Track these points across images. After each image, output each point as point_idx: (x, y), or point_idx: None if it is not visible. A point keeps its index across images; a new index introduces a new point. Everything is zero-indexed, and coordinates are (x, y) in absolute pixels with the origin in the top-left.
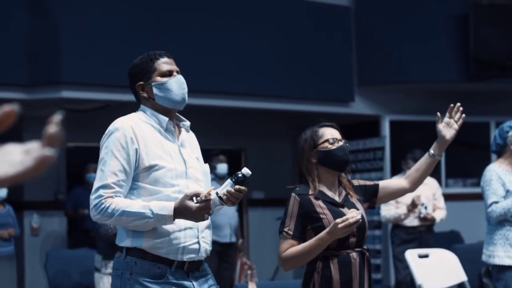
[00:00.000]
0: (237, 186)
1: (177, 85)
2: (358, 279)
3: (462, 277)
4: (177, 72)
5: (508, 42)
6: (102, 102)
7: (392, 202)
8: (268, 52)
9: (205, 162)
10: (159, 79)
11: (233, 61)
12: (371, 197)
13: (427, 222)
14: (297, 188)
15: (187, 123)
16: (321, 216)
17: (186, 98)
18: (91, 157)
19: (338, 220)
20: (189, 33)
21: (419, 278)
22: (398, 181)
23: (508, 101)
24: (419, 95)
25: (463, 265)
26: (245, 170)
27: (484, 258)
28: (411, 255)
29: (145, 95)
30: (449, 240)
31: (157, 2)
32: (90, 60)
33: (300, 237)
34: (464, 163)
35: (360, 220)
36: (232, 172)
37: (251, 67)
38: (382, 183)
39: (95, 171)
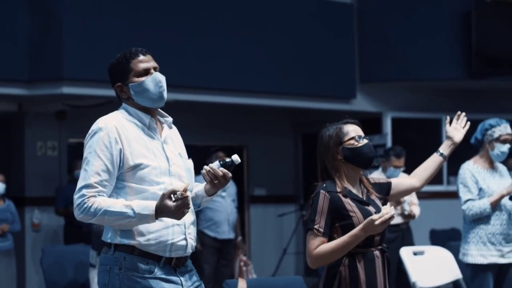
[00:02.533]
0: (221, 168)
1: (154, 84)
2: (381, 276)
3: (457, 274)
4: (155, 69)
5: (511, 40)
6: (103, 98)
7: None
8: (270, 49)
9: (204, 158)
10: (135, 79)
11: (235, 58)
12: (385, 195)
13: (408, 219)
14: (324, 185)
15: (170, 119)
16: (351, 214)
17: (165, 95)
18: None
19: (375, 217)
20: (192, 31)
21: (413, 275)
22: (408, 180)
23: (510, 98)
24: (421, 92)
25: (460, 263)
26: (235, 157)
27: (460, 256)
28: (406, 252)
29: (124, 95)
30: (449, 237)
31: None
32: (91, 56)
33: (329, 234)
34: (466, 161)
35: (394, 216)
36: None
37: (253, 64)
38: (394, 181)
39: None
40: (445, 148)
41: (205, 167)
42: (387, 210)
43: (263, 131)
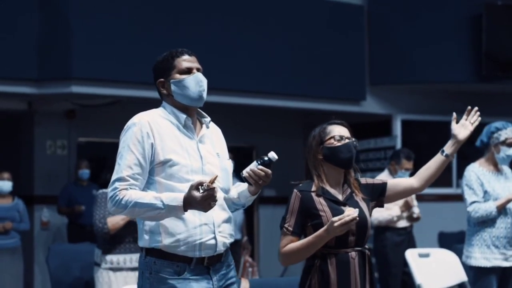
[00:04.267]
0: (260, 166)
1: (195, 83)
2: (357, 278)
3: (462, 277)
4: (197, 70)
5: None
6: (112, 97)
7: None
8: (280, 50)
9: None
10: (177, 76)
11: (245, 59)
12: (379, 196)
13: (414, 222)
14: (300, 184)
15: (208, 119)
16: (321, 213)
17: (204, 95)
18: (102, 152)
19: (335, 218)
20: (201, 30)
21: (418, 277)
22: (407, 180)
23: None
24: (431, 95)
25: (464, 265)
26: (271, 154)
27: (463, 259)
28: (411, 255)
29: (164, 91)
30: (458, 240)
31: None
32: (100, 55)
33: (300, 233)
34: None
35: (357, 218)
36: (240, 170)
37: (263, 65)
38: (390, 182)
39: (86, 167)
40: (448, 147)
41: (245, 171)
42: (349, 212)
43: (273, 132)
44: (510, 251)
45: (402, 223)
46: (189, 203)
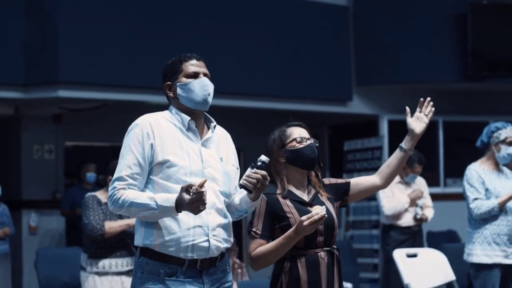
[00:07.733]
0: (254, 170)
1: (200, 87)
2: (326, 279)
3: (450, 276)
4: (204, 75)
5: (506, 42)
6: (99, 101)
7: (390, 194)
8: (266, 52)
9: None
10: (183, 79)
11: (231, 61)
12: (343, 195)
13: (420, 222)
14: None
15: (214, 123)
16: (288, 215)
17: (209, 99)
18: (89, 156)
19: (304, 218)
20: (189, 34)
21: (406, 277)
22: (370, 178)
23: (507, 100)
24: (417, 95)
25: (455, 265)
26: (263, 157)
27: (464, 256)
28: (399, 255)
29: (171, 94)
30: (446, 239)
31: (153, 3)
32: (87, 59)
33: (269, 236)
34: (463, 163)
35: (326, 215)
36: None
37: (249, 67)
38: (353, 181)
39: (95, 170)
40: (406, 142)
41: (242, 179)
42: (317, 210)
43: (260, 134)
44: (510, 249)
45: (406, 222)
46: (180, 205)
